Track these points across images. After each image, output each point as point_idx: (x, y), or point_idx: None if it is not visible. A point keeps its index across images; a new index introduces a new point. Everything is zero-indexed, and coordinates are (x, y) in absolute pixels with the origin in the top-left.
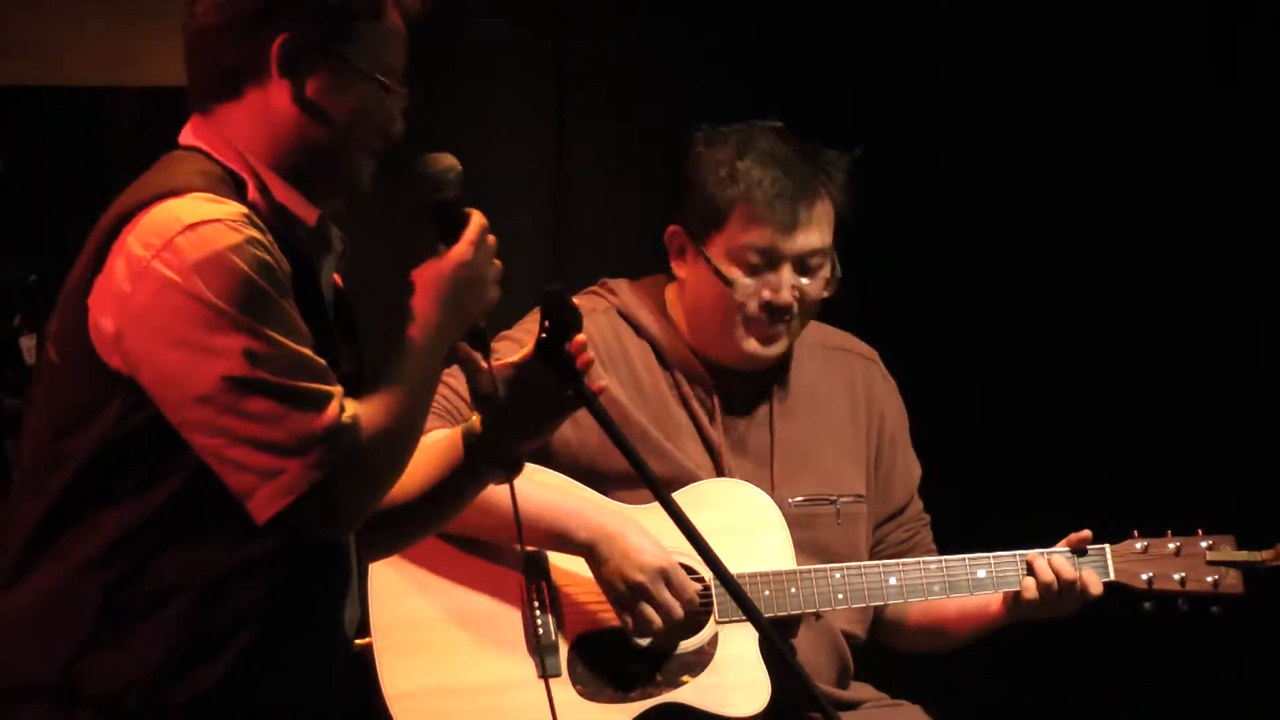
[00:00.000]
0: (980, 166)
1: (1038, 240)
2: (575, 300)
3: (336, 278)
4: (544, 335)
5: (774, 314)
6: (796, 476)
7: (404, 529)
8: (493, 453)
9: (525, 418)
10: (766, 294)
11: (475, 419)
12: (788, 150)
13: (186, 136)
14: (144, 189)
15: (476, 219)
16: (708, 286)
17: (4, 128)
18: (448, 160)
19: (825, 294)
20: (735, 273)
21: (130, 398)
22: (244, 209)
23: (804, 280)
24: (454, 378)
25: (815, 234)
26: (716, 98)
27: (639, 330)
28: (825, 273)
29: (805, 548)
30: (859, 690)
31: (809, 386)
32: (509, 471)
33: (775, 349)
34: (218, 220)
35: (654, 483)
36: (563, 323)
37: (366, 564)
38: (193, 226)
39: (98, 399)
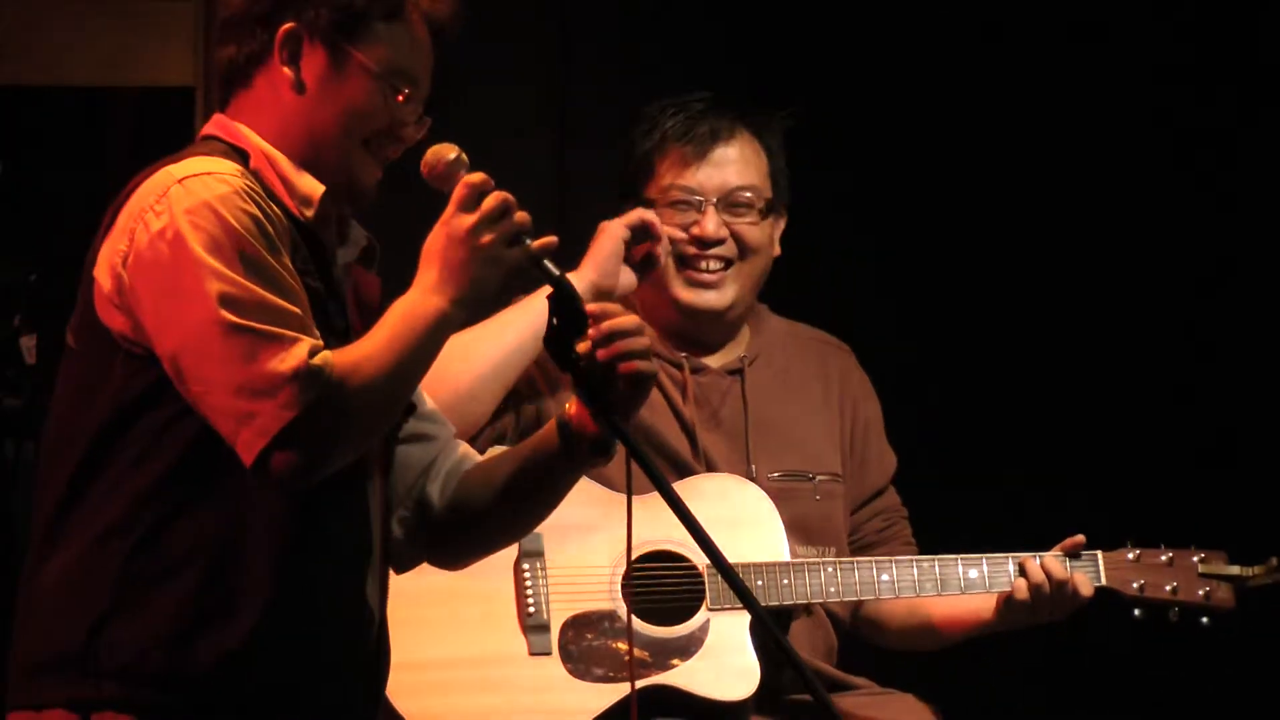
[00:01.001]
0: (977, 171)
1: (1040, 245)
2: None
3: (372, 281)
4: (550, 332)
5: (703, 246)
6: (773, 453)
7: (497, 528)
8: (588, 436)
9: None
10: (695, 229)
11: (569, 406)
12: (712, 101)
13: (205, 130)
14: (150, 169)
15: (461, 182)
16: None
17: (4, 128)
18: (442, 152)
19: (763, 239)
20: (662, 210)
21: (128, 365)
22: (240, 167)
23: (736, 221)
24: None
25: (735, 170)
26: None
27: None
28: (758, 215)
29: (784, 524)
30: (853, 677)
31: (782, 369)
32: (603, 455)
33: (714, 298)
34: (209, 173)
35: (656, 472)
36: (569, 320)
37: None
38: (183, 180)
39: (102, 373)
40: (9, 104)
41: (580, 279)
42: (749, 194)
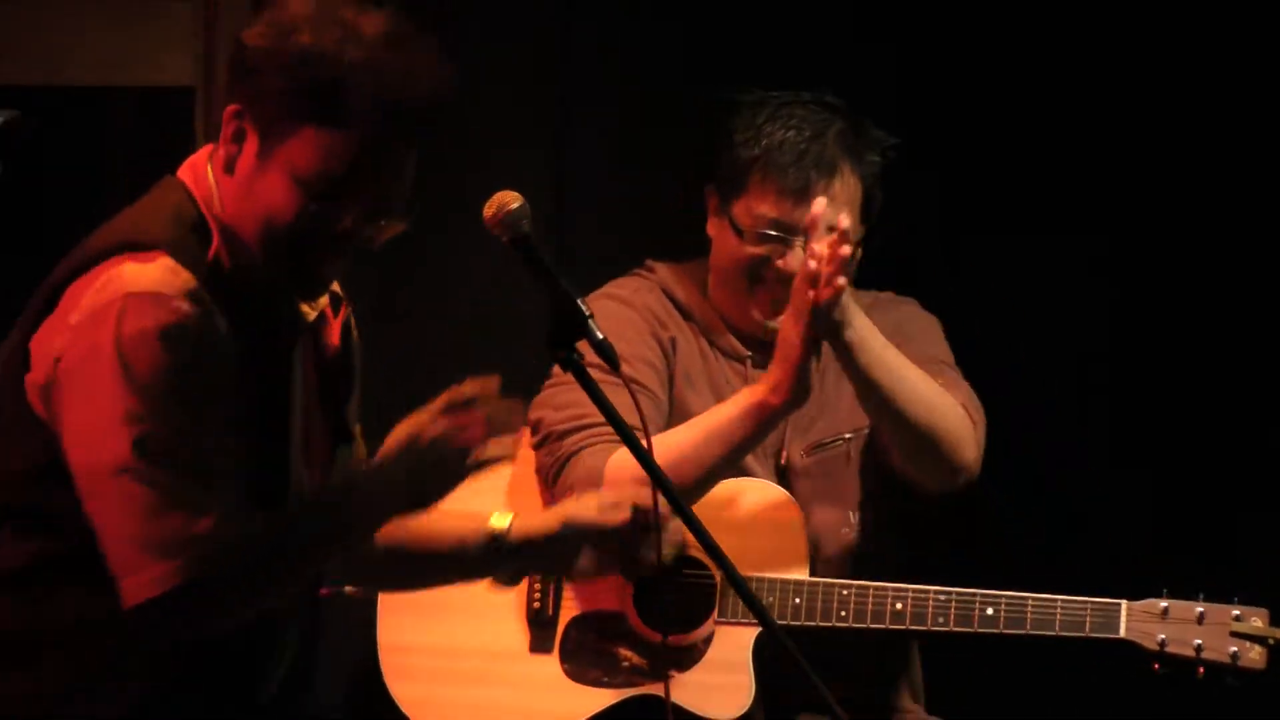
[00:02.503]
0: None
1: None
2: (622, 281)
3: (333, 335)
4: (552, 332)
5: (786, 283)
6: (806, 427)
7: (386, 589)
8: (513, 560)
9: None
10: (780, 261)
11: (509, 521)
12: (819, 119)
13: (187, 164)
14: (113, 233)
15: (450, 392)
16: (726, 241)
17: (4, 128)
18: (506, 200)
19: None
20: (751, 234)
21: (52, 440)
22: (194, 282)
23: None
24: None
25: (829, 208)
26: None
27: (682, 311)
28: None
29: (823, 497)
30: (901, 699)
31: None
32: (509, 582)
33: None
34: (160, 293)
35: (664, 480)
36: (571, 322)
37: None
38: (134, 296)
39: (24, 432)
40: (8, 104)
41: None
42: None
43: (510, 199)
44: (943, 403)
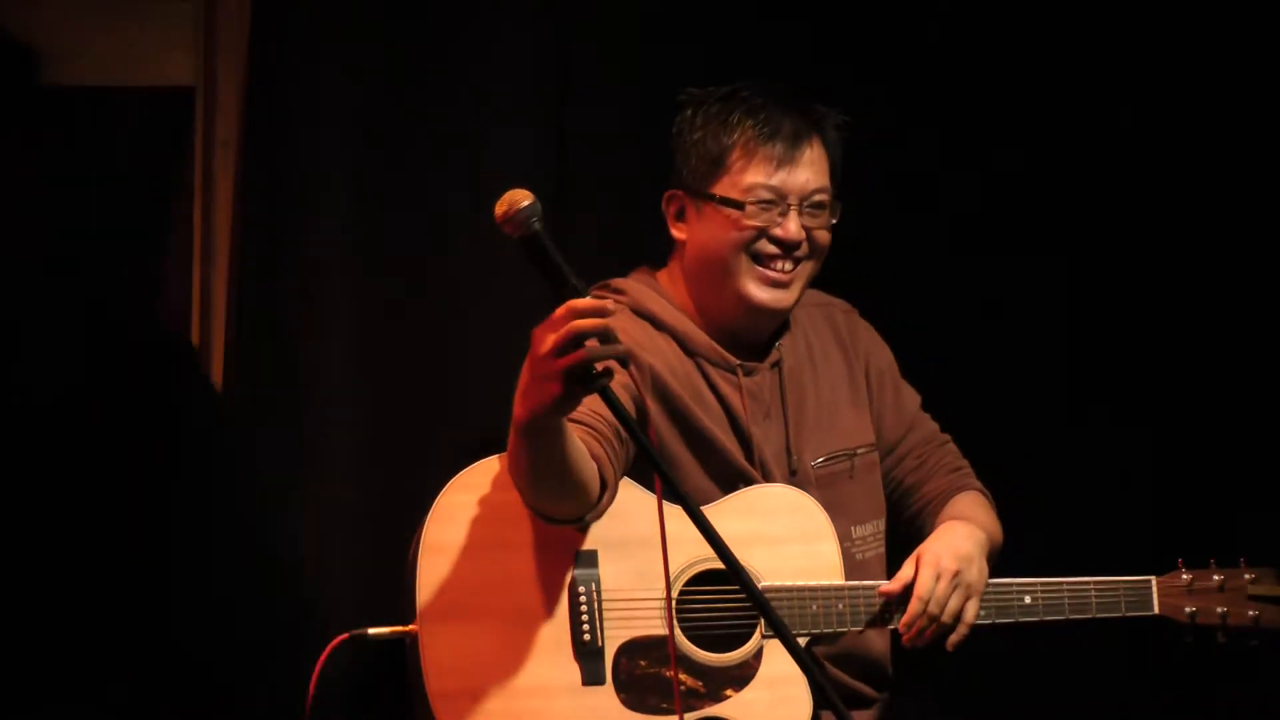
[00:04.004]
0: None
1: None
2: None
3: None
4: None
5: (786, 249)
6: (815, 439)
7: None
8: None
9: None
10: (777, 230)
11: None
12: (774, 97)
13: None
14: None
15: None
16: (715, 227)
17: None
18: (517, 198)
19: (829, 237)
20: (751, 206)
21: None
22: None
23: (812, 223)
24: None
25: (811, 172)
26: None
27: (658, 325)
28: (828, 215)
29: (828, 509)
30: (933, 705)
31: (806, 347)
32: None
33: (784, 296)
34: None
35: (688, 501)
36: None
37: None
38: None
39: None
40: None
41: None
42: (823, 195)
43: (521, 197)
44: (996, 523)
